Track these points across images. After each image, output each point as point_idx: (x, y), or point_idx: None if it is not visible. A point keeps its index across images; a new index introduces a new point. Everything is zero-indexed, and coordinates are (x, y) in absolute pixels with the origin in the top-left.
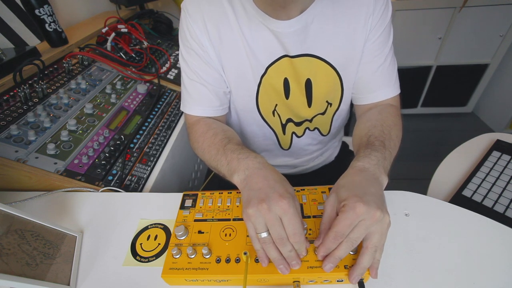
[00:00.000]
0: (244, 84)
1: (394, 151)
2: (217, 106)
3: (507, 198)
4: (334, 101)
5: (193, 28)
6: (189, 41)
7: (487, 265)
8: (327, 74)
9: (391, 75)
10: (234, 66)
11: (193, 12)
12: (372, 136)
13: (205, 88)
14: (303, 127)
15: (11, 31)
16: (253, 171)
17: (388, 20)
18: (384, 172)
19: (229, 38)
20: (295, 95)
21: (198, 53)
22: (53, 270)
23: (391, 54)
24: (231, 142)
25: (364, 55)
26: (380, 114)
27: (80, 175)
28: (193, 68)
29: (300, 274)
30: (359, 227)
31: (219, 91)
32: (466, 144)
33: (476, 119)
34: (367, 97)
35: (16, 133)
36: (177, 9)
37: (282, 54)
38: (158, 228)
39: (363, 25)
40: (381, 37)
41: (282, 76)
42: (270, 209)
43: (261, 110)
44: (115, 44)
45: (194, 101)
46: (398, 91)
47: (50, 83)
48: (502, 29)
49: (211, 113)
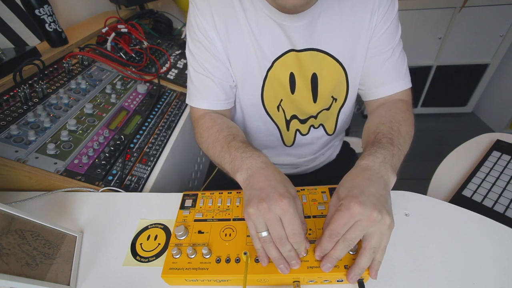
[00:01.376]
0: (250, 78)
1: (404, 147)
2: (223, 99)
3: (507, 198)
4: (340, 97)
5: (201, 22)
6: (196, 33)
7: (487, 265)
8: (333, 69)
9: (399, 69)
10: (241, 60)
11: (202, 6)
12: (380, 133)
13: (211, 81)
14: (308, 124)
15: (11, 31)
16: (256, 170)
17: (394, 15)
18: (391, 170)
19: (237, 32)
20: (301, 90)
21: (206, 46)
22: (53, 270)
23: (400, 49)
24: (235, 139)
25: (371, 49)
26: (389, 111)
27: (80, 175)
28: (199, 61)
29: (300, 274)
30: (355, 228)
31: (225, 84)
32: (466, 144)
33: (476, 119)
34: (376, 92)
35: (16, 133)
36: (177, 9)
37: (288, 48)
38: (158, 228)
39: (369, 20)
40: (388, 32)
41: (288, 71)
42: (270, 208)
43: (266, 105)
44: (115, 44)
45: (200, 94)
46: (408, 85)
47: (50, 83)
48: (502, 29)
49: (217, 106)
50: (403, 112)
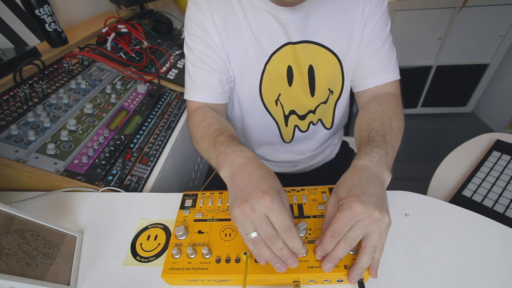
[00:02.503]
0: (249, 72)
1: (396, 144)
2: (219, 93)
3: (507, 198)
4: (336, 89)
5: (200, 17)
6: (194, 28)
7: (487, 265)
8: (329, 61)
9: (389, 60)
10: (239, 55)
11: (201, 4)
12: (372, 130)
13: (209, 73)
14: (307, 120)
15: (11, 31)
16: (238, 167)
17: (384, 8)
18: (387, 169)
19: (235, 27)
20: (298, 83)
21: (204, 40)
22: (53, 270)
23: (389, 42)
24: (222, 134)
25: (361, 40)
26: (380, 105)
27: (80, 175)
28: (197, 54)
29: (300, 274)
30: (357, 227)
31: (223, 77)
32: (466, 144)
33: (476, 119)
34: (365, 82)
35: (16, 133)
36: (177, 9)
37: (285, 42)
38: (158, 228)
39: (361, 13)
40: (378, 24)
41: (286, 64)
42: (253, 208)
43: (264, 99)
44: (115, 44)
45: (196, 87)
46: (397, 76)
47: (50, 83)
48: (502, 29)
49: (212, 99)
50: (393, 106)
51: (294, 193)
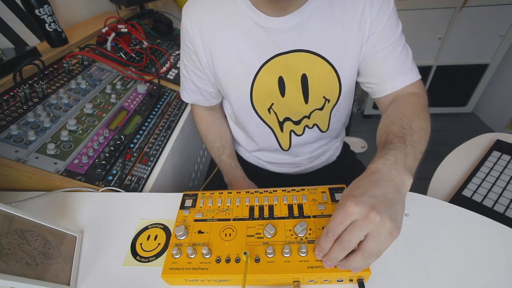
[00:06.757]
0: (239, 85)
1: (419, 144)
2: (209, 98)
3: (507, 198)
4: (332, 97)
5: (188, 32)
6: (186, 44)
7: (487, 265)
8: (323, 70)
9: (404, 62)
10: (228, 69)
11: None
12: (390, 133)
13: (195, 86)
14: (302, 125)
15: (11, 31)
16: None
17: (390, 9)
18: (405, 171)
19: (222, 41)
20: (291, 93)
21: (192, 57)
22: (53, 270)
23: (402, 43)
24: (224, 153)
25: (371, 47)
26: (399, 108)
27: (80, 175)
28: (187, 68)
29: (300, 274)
30: (352, 228)
31: (212, 90)
32: (466, 144)
33: (476, 119)
34: (384, 88)
35: (16, 133)
36: (177, 9)
37: (274, 54)
38: (158, 228)
39: (359, 20)
40: (386, 27)
41: (277, 75)
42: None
43: (257, 109)
44: (115, 44)
45: (186, 92)
46: (416, 77)
47: (50, 83)
48: (502, 29)
49: (202, 103)
50: (413, 107)
51: (294, 193)
